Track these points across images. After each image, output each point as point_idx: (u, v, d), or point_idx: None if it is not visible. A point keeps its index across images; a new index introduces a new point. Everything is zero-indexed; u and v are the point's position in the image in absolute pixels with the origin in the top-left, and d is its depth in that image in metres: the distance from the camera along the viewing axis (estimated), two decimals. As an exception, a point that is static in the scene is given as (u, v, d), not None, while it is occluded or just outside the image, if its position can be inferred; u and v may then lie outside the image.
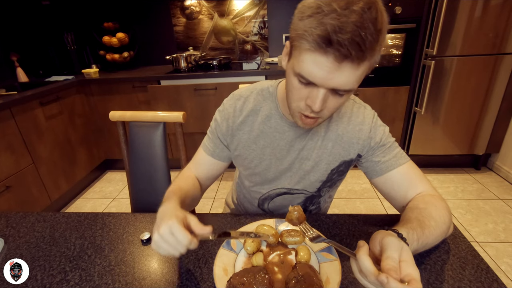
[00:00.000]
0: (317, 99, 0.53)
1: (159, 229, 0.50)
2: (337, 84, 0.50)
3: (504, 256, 1.51)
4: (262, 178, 0.79)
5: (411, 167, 0.68)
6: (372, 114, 0.71)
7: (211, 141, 0.80)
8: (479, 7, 1.80)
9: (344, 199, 2.06)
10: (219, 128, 0.77)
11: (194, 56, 2.37)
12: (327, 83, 0.51)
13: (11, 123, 1.69)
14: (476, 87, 2.00)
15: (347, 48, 0.45)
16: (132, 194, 1.11)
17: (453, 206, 1.92)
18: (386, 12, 0.49)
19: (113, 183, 2.47)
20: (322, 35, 0.46)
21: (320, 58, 0.48)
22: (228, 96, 0.78)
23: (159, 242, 0.50)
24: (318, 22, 0.46)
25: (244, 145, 0.76)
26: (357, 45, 0.45)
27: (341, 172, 0.76)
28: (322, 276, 0.54)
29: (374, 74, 2.09)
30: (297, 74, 0.53)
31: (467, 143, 2.17)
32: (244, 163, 0.79)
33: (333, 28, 0.45)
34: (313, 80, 0.51)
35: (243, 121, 0.74)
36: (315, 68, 0.49)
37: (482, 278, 0.54)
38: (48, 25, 2.62)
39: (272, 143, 0.73)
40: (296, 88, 0.55)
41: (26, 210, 1.69)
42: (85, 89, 2.30)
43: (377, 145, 0.69)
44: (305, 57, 0.50)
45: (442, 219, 0.58)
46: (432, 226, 0.55)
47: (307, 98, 0.55)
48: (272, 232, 0.63)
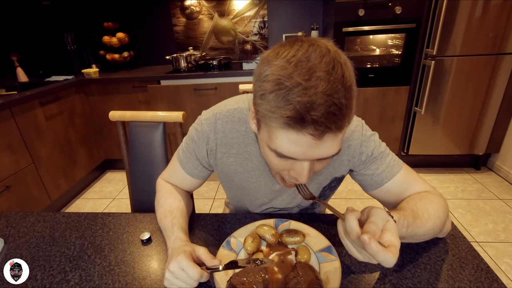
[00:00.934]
0: (303, 172, 0.49)
1: (168, 266, 0.50)
2: (321, 155, 0.46)
3: (504, 256, 1.51)
4: (251, 199, 0.75)
5: (406, 172, 0.65)
6: (361, 126, 0.66)
7: (188, 160, 0.71)
8: (479, 7, 1.79)
9: (344, 199, 2.06)
10: (198, 150, 0.69)
11: (194, 56, 2.37)
12: (309, 156, 0.46)
13: (11, 123, 1.69)
14: (476, 87, 2.00)
15: (325, 124, 0.41)
16: (132, 194, 1.11)
17: (453, 206, 1.92)
18: (347, 58, 0.45)
19: (113, 183, 2.47)
20: (292, 116, 0.41)
21: (295, 137, 0.43)
22: (205, 113, 0.68)
23: (171, 279, 0.49)
24: (284, 101, 0.41)
25: (230, 169, 0.70)
26: (334, 115, 0.41)
27: (333, 188, 0.74)
28: (322, 276, 0.54)
29: (374, 74, 2.09)
30: (272, 150, 0.48)
31: (467, 143, 2.17)
32: (232, 186, 0.75)
33: (303, 107, 0.40)
34: (293, 156, 0.46)
35: (227, 143, 0.67)
36: (293, 146, 0.44)
37: (482, 278, 0.54)
38: (48, 25, 2.61)
39: (260, 166, 0.68)
40: (275, 161, 0.51)
41: (26, 210, 1.69)
42: (85, 89, 2.30)
43: (368, 158, 0.65)
44: (278, 135, 0.45)
45: (436, 213, 0.57)
46: (425, 218, 0.55)
47: (290, 169, 0.51)
48: (272, 232, 0.63)
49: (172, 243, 0.57)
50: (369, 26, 1.96)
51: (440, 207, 0.59)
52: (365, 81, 2.11)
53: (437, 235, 0.62)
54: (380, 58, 2.08)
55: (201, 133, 0.68)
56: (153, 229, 0.72)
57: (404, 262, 0.58)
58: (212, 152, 0.69)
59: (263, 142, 0.51)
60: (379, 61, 2.08)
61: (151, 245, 0.67)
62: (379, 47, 2.08)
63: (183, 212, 0.69)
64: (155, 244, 0.67)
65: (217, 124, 0.66)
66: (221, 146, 0.68)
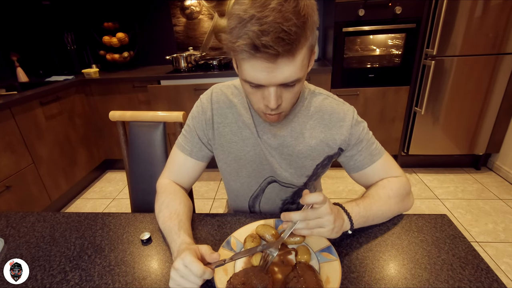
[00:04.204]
0: (271, 97, 0.56)
1: (174, 264, 0.50)
2: (282, 79, 0.53)
3: (504, 256, 1.51)
4: (248, 171, 0.78)
5: (385, 161, 0.74)
6: (352, 110, 0.73)
7: (188, 141, 0.77)
8: (479, 7, 1.80)
9: (344, 199, 2.06)
10: (198, 125, 0.76)
11: (194, 56, 2.37)
12: (272, 81, 0.53)
13: (11, 123, 1.69)
14: (476, 87, 2.00)
15: (273, 48, 0.47)
16: (132, 194, 1.11)
17: (453, 206, 1.92)
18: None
19: (113, 183, 2.47)
20: (247, 43, 0.48)
21: (255, 63, 0.51)
22: (206, 91, 0.78)
23: (176, 278, 0.50)
24: (242, 32, 0.48)
25: (226, 139, 0.75)
26: (282, 40, 0.47)
27: (325, 165, 0.78)
28: (322, 276, 0.54)
29: (374, 74, 2.09)
30: (245, 81, 0.56)
31: (467, 143, 2.18)
32: (229, 160, 0.77)
33: (255, 34, 0.47)
34: (258, 82, 0.54)
35: (223, 113, 0.74)
36: (256, 72, 0.52)
37: (482, 278, 0.54)
38: (48, 25, 2.62)
39: (254, 134, 0.73)
40: (250, 92, 0.59)
41: (26, 210, 1.69)
42: (85, 89, 2.30)
43: (356, 141, 0.72)
44: (244, 66, 0.53)
45: (387, 192, 0.69)
46: (375, 200, 0.67)
47: (263, 99, 0.58)
48: (272, 232, 0.63)
49: (178, 247, 0.57)
50: (369, 26, 1.96)
51: (395, 185, 0.70)
52: (365, 81, 2.11)
53: (399, 212, 0.72)
54: (380, 58, 2.08)
55: (200, 107, 0.76)
56: (153, 229, 0.72)
57: (404, 262, 0.59)
58: (209, 122, 0.75)
59: (241, 80, 0.59)
60: (379, 61, 2.08)
61: (151, 245, 0.67)
62: (379, 47, 2.08)
63: (189, 217, 0.70)
64: (155, 244, 0.67)
65: (212, 96, 0.75)
66: (217, 116, 0.74)
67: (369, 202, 0.66)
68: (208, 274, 0.50)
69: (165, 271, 0.60)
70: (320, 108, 0.72)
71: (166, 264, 0.62)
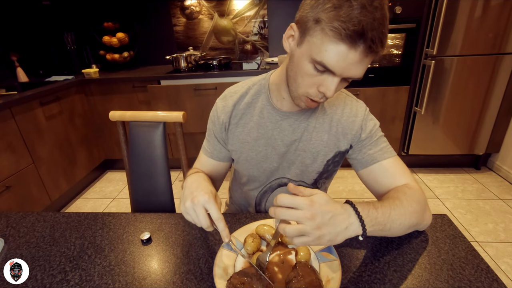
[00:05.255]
0: (332, 87, 0.54)
1: (192, 199, 0.56)
2: (353, 74, 0.52)
3: (504, 256, 1.51)
4: (259, 171, 0.79)
5: (396, 162, 0.69)
6: (364, 108, 0.73)
7: (209, 143, 0.81)
8: (479, 7, 1.79)
9: (345, 199, 2.06)
10: (215, 127, 0.78)
11: (194, 56, 2.37)
12: (345, 73, 0.52)
13: (11, 123, 1.69)
14: (476, 87, 2.00)
15: (376, 44, 0.48)
16: (132, 194, 1.11)
17: (453, 206, 1.92)
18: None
19: (113, 183, 2.47)
20: (357, 30, 0.46)
21: (347, 51, 0.49)
22: (221, 95, 0.79)
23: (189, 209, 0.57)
24: (350, 16, 0.46)
25: (239, 139, 0.77)
26: (381, 41, 0.49)
27: (336, 163, 0.77)
28: (322, 276, 0.54)
29: (374, 74, 2.09)
30: (316, 61, 0.52)
31: (467, 143, 2.17)
32: (241, 158, 0.79)
33: (368, 25, 0.46)
34: (333, 69, 0.51)
35: (237, 115, 0.75)
36: (339, 59, 0.50)
37: (482, 278, 0.54)
38: (48, 25, 2.61)
39: (266, 133, 0.74)
40: (310, 74, 0.55)
41: (26, 210, 1.69)
42: (85, 89, 2.30)
43: (366, 136, 0.70)
44: (329, 47, 0.49)
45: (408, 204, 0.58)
46: (397, 205, 0.56)
47: (320, 85, 0.55)
48: (272, 232, 0.63)
49: (195, 177, 0.64)
50: (369, 26, 1.96)
51: (416, 194, 0.61)
52: (365, 81, 2.11)
53: (417, 227, 0.62)
54: (380, 58, 2.08)
55: (215, 111, 0.78)
56: (153, 229, 0.72)
57: (404, 262, 0.58)
58: (224, 124, 0.77)
59: (303, 57, 0.54)
60: (379, 61, 2.08)
61: (151, 245, 0.67)
62: (379, 47, 2.07)
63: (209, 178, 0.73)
64: (155, 244, 0.67)
65: (227, 98, 0.77)
66: (231, 118, 0.76)
67: (388, 207, 0.55)
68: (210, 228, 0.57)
69: (165, 271, 0.60)
70: (333, 103, 0.73)
71: (166, 264, 0.62)
